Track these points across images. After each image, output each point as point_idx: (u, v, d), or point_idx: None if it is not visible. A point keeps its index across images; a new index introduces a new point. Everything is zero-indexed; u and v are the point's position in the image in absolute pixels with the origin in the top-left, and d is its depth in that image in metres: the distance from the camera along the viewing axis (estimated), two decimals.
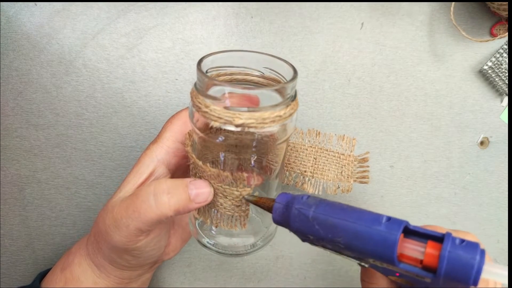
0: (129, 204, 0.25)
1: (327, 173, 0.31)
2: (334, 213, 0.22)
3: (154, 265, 0.32)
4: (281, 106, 0.23)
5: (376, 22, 0.38)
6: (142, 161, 0.28)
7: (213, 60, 0.26)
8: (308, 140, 0.32)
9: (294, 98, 0.25)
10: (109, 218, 0.25)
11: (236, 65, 0.27)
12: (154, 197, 0.24)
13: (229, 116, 0.22)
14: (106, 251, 0.27)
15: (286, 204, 0.24)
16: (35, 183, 0.37)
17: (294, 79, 0.24)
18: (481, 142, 0.41)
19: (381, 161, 0.41)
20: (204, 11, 0.36)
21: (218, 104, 0.23)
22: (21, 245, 0.38)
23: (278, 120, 0.23)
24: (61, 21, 0.35)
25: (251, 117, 0.22)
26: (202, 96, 0.23)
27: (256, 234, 0.30)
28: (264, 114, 0.22)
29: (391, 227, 0.21)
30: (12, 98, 0.36)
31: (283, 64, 0.26)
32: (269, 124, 0.23)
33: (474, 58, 0.40)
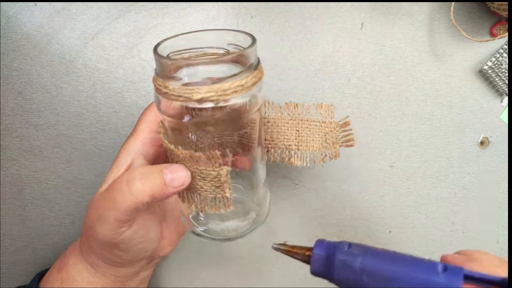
0: (106, 196, 0.25)
1: (311, 143, 0.31)
2: (384, 264, 0.21)
3: (150, 261, 0.31)
4: (242, 75, 0.22)
5: (376, 22, 0.38)
6: (120, 155, 0.28)
7: (173, 45, 0.25)
8: (288, 113, 0.31)
9: (256, 67, 0.24)
10: (91, 213, 0.26)
11: (199, 46, 0.26)
12: (127, 185, 0.24)
13: (187, 92, 0.22)
14: (97, 248, 0.27)
15: (326, 255, 0.23)
16: (35, 183, 0.37)
17: (252, 46, 0.24)
18: (481, 142, 0.41)
19: (381, 161, 0.41)
20: (204, 11, 0.36)
21: (177, 82, 0.22)
22: (21, 245, 0.38)
23: (240, 90, 0.22)
24: (61, 21, 0.35)
25: (210, 90, 0.22)
26: (161, 78, 0.23)
27: (247, 215, 0.30)
28: (224, 85, 0.22)
29: (451, 278, 0.20)
30: (12, 98, 0.36)
31: (242, 36, 0.25)
32: (231, 95, 0.22)
33: (474, 58, 0.40)
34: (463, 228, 0.39)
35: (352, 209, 0.41)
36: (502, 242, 0.43)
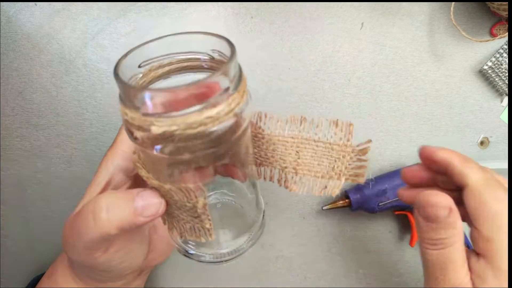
0: (72, 224, 0.23)
1: (315, 168, 0.25)
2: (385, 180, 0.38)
3: (139, 274, 0.30)
4: (213, 101, 0.18)
5: (376, 22, 0.38)
6: (99, 170, 0.25)
7: (146, 52, 0.22)
8: (289, 130, 0.26)
9: (235, 89, 0.20)
10: (64, 235, 0.24)
11: (179, 51, 0.23)
12: (93, 216, 0.21)
13: (148, 124, 0.18)
14: (75, 266, 0.26)
15: (360, 196, 0.38)
16: (35, 183, 0.37)
17: (230, 62, 0.19)
18: (481, 142, 0.41)
19: (381, 161, 0.41)
20: (204, 11, 0.36)
21: (135, 111, 0.18)
22: (22, 246, 0.38)
23: (212, 121, 0.18)
24: (61, 21, 0.35)
25: (173, 123, 0.18)
26: (121, 103, 0.20)
27: (238, 237, 0.27)
28: (190, 117, 0.18)
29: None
30: (12, 98, 0.36)
31: (223, 43, 0.21)
32: (199, 129, 0.18)
33: (474, 58, 0.40)
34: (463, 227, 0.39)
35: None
36: None
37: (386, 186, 0.37)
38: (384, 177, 0.38)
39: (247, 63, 0.38)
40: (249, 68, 0.38)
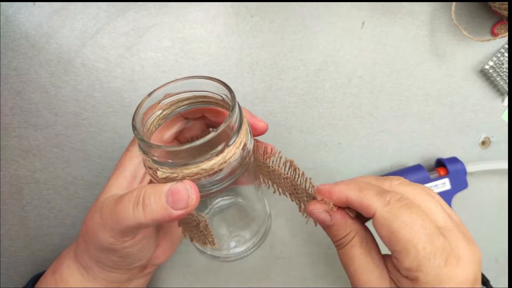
0: (112, 208, 0.24)
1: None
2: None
3: (143, 270, 0.31)
4: (209, 156, 0.21)
5: (377, 21, 0.38)
6: (123, 163, 0.27)
7: (170, 89, 0.25)
8: (284, 170, 0.28)
9: (233, 142, 0.22)
10: (97, 217, 0.25)
11: (197, 89, 0.26)
12: (132, 206, 0.23)
13: (155, 167, 0.22)
14: (93, 251, 0.27)
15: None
16: (33, 183, 0.37)
17: (224, 125, 0.21)
18: (483, 142, 0.41)
19: (382, 162, 0.40)
20: (203, 10, 0.36)
21: (147, 157, 0.22)
22: (20, 246, 0.38)
23: (207, 172, 0.21)
24: (60, 21, 0.35)
25: (174, 172, 0.21)
26: (141, 149, 0.23)
27: (248, 240, 0.31)
28: (186, 169, 0.21)
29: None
30: (10, 97, 0.36)
31: (216, 84, 0.25)
32: (196, 177, 0.22)
33: (475, 58, 0.39)
34: None
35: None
36: (503, 242, 0.42)
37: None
38: None
39: (247, 62, 0.38)
40: (249, 67, 0.38)
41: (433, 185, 0.38)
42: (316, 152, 0.39)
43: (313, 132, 0.39)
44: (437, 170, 0.39)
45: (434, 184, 0.38)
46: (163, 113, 0.26)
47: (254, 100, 0.38)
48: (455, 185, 0.38)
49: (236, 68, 0.37)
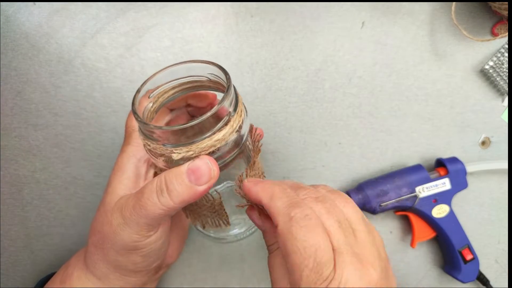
0: (135, 203, 0.25)
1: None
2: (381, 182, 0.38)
3: (158, 271, 0.31)
4: (219, 130, 0.23)
5: (377, 21, 0.38)
6: (122, 165, 0.27)
7: (154, 82, 0.26)
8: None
9: (235, 110, 0.24)
10: (116, 219, 0.25)
11: (182, 76, 0.27)
12: (157, 194, 0.24)
13: (168, 152, 0.23)
14: (113, 256, 0.27)
15: (362, 196, 0.37)
16: (33, 183, 0.37)
17: (227, 96, 0.23)
18: (483, 142, 0.41)
19: (382, 162, 0.40)
20: (203, 10, 0.36)
21: (156, 142, 0.23)
22: (20, 246, 0.38)
23: (220, 142, 0.23)
24: (60, 21, 0.35)
25: (188, 150, 0.22)
26: (142, 135, 0.24)
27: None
28: (202, 143, 0.22)
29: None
30: (10, 97, 0.36)
31: (221, 73, 0.25)
32: (212, 148, 0.23)
33: (475, 58, 0.39)
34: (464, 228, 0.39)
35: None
36: (503, 242, 0.42)
37: (387, 186, 0.37)
38: (385, 178, 0.38)
39: (247, 62, 0.38)
40: (249, 67, 0.38)
41: (433, 185, 0.38)
42: (316, 152, 0.39)
43: (313, 132, 0.39)
44: (437, 170, 0.39)
45: (434, 184, 0.38)
46: (153, 106, 0.27)
47: (254, 100, 0.38)
48: (455, 185, 0.38)
49: (236, 68, 0.37)
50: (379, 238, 0.25)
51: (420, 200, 0.38)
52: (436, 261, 0.41)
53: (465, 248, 0.38)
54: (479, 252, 0.39)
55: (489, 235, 0.42)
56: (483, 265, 0.40)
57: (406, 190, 0.37)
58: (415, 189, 0.37)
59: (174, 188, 0.23)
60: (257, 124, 0.38)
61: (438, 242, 0.41)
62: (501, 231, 0.42)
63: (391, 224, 0.41)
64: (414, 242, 0.39)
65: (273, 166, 0.39)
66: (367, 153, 0.40)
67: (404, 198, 0.37)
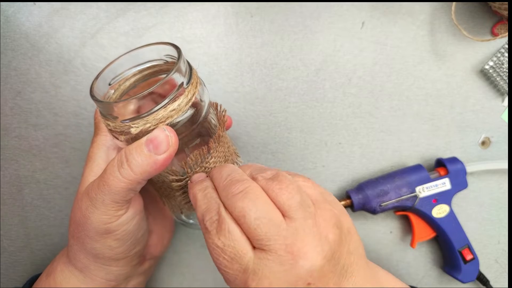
0: (99, 181, 0.25)
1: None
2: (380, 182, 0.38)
3: (142, 263, 0.31)
4: (173, 99, 0.23)
5: (377, 21, 0.38)
6: (92, 154, 0.28)
7: (113, 70, 0.27)
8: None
9: (188, 82, 0.24)
10: (84, 203, 0.25)
11: (139, 63, 0.27)
12: (118, 168, 0.24)
13: (126, 128, 0.23)
14: (88, 243, 0.26)
15: (362, 196, 0.37)
16: (33, 183, 0.37)
17: (175, 67, 0.23)
18: (483, 142, 0.41)
19: (382, 162, 0.40)
20: (203, 10, 0.36)
21: (115, 120, 0.23)
22: (20, 245, 0.38)
23: (176, 113, 0.23)
24: (60, 20, 0.35)
25: (146, 122, 0.23)
26: (102, 116, 0.24)
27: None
28: (158, 114, 0.23)
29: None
30: (10, 97, 0.36)
31: (170, 48, 0.26)
32: (169, 120, 0.23)
33: (475, 58, 0.39)
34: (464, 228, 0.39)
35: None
36: (503, 242, 0.42)
37: (388, 186, 0.37)
38: (385, 178, 0.38)
39: (247, 62, 0.38)
40: (249, 67, 0.38)
41: (433, 185, 0.38)
42: (316, 152, 0.39)
43: (313, 132, 0.39)
44: (437, 170, 0.39)
45: (434, 184, 0.38)
46: (115, 94, 0.27)
47: (254, 100, 0.38)
48: (455, 185, 0.38)
49: (236, 68, 0.37)
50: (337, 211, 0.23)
51: (420, 200, 0.38)
52: (436, 261, 0.41)
53: (465, 248, 0.38)
54: (479, 252, 0.39)
55: (489, 235, 0.42)
56: (483, 265, 0.40)
57: (406, 190, 0.37)
58: (415, 189, 0.37)
59: (133, 158, 0.24)
60: (257, 124, 0.38)
61: (438, 242, 0.41)
62: (501, 231, 0.42)
63: (391, 224, 0.41)
64: (414, 242, 0.39)
65: (273, 166, 0.39)
66: (367, 153, 0.40)
67: (404, 198, 0.37)
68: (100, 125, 0.28)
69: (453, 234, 0.38)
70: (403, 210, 0.39)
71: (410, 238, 0.40)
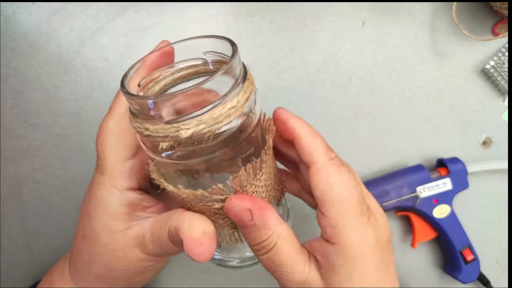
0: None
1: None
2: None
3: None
4: (231, 94, 0.19)
5: (377, 21, 0.38)
6: (104, 200, 0.24)
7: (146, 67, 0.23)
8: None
9: (244, 77, 0.21)
10: (137, 253, 0.25)
11: (171, 64, 0.23)
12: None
13: (173, 131, 0.18)
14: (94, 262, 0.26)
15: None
16: (33, 183, 0.37)
17: (234, 55, 0.19)
18: (484, 142, 0.41)
19: (383, 162, 0.40)
20: (203, 9, 0.36)
21: (158, 121, 0.18)
22: (19, 246, 0.38)
23: (234, 112, 0.19)
24: (60, 20, 0.35)
25: (199, 122, 0.18)
26: (139, 119, 0.19)
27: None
28: (214, 112, 0.18)
29: None
30: (10, 97, 0.36)
31: (219, 42, 0.22)
32: (226, 120, 0.18)
33: (476, 57, 0.39)
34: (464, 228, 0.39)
35: None
36: (504, 243, 0.42)
37: (388, 186, 0.37)
38: (385, 178, 0.38)
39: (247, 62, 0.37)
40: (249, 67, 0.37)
41: (434, 185, 0.38)
42: None
43: None
44: (438, 170, 0.39)
45: (435, 184, 0.38)
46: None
47: None
48: (456, 185, 0.38)
49: None
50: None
51: (421, 200, 0.37)
52: (436, 262, 0.41)
53: (466, 249, 0.38)
54: (480, 252, 0.39)
55: (490, 235, 0.42)
56: (483, 265, 0.40)
57: (407, 190, 0.37)
58: (416, 189, 0.37)
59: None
60: None
61: (438, 242, 0.41)
62: (502, 232, 0.42)
63: (392, 225, 0.41)
64: (415, 243, 0.39)
65: None
66: (367, 153, 0.40)
67: (405, 198, 0.37)
68: (107, 160, 0.24)
69: (454, 234, 0.38)
70: (403, 210, 0.39)
71: (410, 239, 0.40)
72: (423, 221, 0.39)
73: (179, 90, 0.18)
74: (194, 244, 0.21)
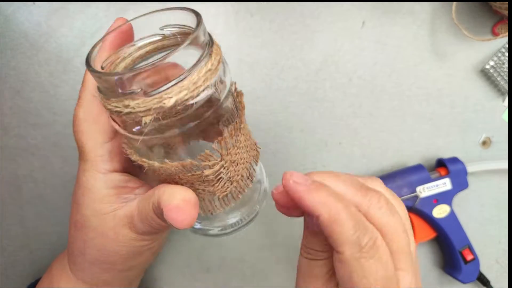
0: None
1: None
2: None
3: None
4: (205, 59, 0.19)
5: (377, 20, 0.38)
6: (91, 186, 0.24)
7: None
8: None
9: (212, 43, 0.20)
10: (127, 232, 0.25)
11: (132, 41, 0.23)
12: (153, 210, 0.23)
13: (157, 102, 0.18)
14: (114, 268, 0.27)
15: None
16: (32, 182, 0.37)
17: (200, 26, 0.19)
18: (483, 142, 0.41)
19: (382, 162, 0.40)
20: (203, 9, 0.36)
21: (138, 96, 0.18)
22: (19, 245, 0.38)
23: (211, 75, 0.19)
24: (59, 20, 0.35)
25: (181, 89, 0.18)
26: (114, 98, 0.19)
27: (241, 208, 0.27)
28: (193, 77, 0.18)
29: None
30: (10, 97, 0.35)
31: (181, 13, 0.21)
32: (205, 84, 0.19)
33: (476, 57, 0.39)
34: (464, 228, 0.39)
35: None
36: (504, 243, 0.42)
37: (388, 186, 0.37)
38: (385, 178, 0.38)
39: (247, 62, 0.37)
40: (249, 67, 0.37)
41: (434, 185, 0.38)
42: (317, 152, 0.39)
43: (314, 131, 0.39)
44: (438, 170, 0.39)
45: (435, 184, 0.38)
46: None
47: (254, 100, 0.38)
48: (456, 185, 0.38)
49: (236, 67, 0.37)
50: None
51: (420, 200, 0.37)
52: (436, 262, 0.41)
53: (466, 249, 0.38)
54: (480, 252, 0.39)
55: (490, 235, 0.42)
56: (483, 265, 0.40)
57: (406, 190, 0.37)
58: (415, 189, 0.37)
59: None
60: (258, 124, 0.38)
61: (438, 242, 0.41)
62: (501, 231, 0.42)
63: None
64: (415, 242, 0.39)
65: (274, 166, 0.39)
66: (367, 153, 0.40)
67: (405, 198, 0.37)
68: (86, 147, 0.24)
69: (453, 234, 0.38)
70: None
71: None
72: (423, 221, 0.39)
73: (150, 62, 0.18)
74: (173, 211, 0.21)
